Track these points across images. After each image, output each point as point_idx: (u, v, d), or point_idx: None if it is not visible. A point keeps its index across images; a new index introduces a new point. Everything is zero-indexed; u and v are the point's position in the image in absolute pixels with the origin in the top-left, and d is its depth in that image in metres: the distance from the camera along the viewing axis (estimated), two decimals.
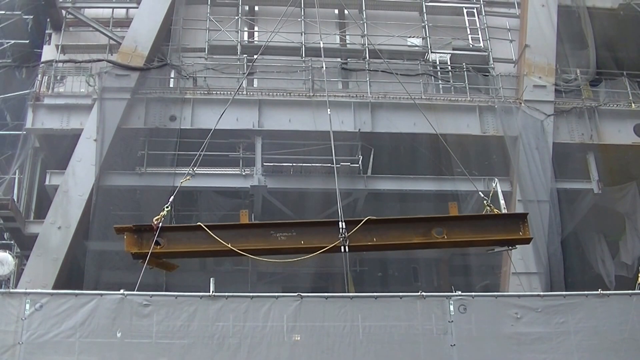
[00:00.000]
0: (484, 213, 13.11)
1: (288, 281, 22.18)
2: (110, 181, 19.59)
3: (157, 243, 12.15)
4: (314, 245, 12.20)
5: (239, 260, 22.58)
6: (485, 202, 13.20)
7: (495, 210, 12.97)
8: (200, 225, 12.32)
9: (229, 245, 12.09)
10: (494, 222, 12.79)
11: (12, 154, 20.91)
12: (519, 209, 19.63)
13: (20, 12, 22.47)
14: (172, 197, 13.07)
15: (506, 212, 13.11)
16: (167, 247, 12.30)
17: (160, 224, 12.20)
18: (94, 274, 18.64)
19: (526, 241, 12.80)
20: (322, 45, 18.79)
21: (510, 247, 13.09)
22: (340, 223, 12.17)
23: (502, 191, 13.52)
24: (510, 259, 18.23)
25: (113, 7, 23.09)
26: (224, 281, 16.15)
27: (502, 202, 13.17)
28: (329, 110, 15.61)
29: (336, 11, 24.04)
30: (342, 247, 12.07)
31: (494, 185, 13.77)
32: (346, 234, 12.09)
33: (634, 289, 14.70)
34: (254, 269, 22.35)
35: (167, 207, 12.62)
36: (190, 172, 14.43)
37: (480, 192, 13.64)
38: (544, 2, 23.10)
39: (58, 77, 21.11)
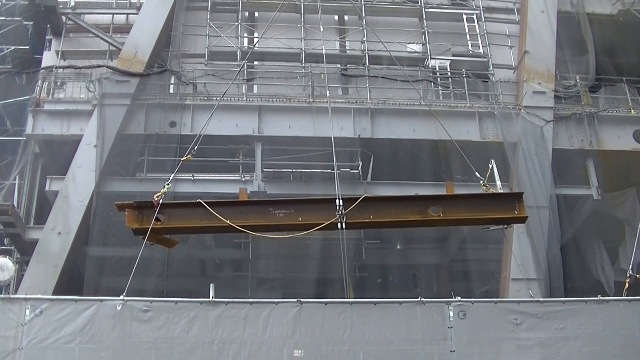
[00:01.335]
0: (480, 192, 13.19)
1: (288, 287, 22.15)
2: (111, 187, 19.57)
3: (157, 219, 12.25)
4: (312, 222, 12.29)
5: (238, 266, 22.67)
6: (481, 182, 13.24)
7: (491, 190, 13.02)
8: (200, 202, 12.40)
9: (228, 222, 12.18)
10: (489, 201, 12.93)
11: (12, 159, 20.91)
12: None
13: (20, 18, 22.43)
14: (172, 175, 13.13)
15: (502, 191, 13.18)
16: (168, 223, 12.40)
17: (161, 200, 12.26)
18: (93, 279, 18.62)
19: (521, 220, 12.89)
20: (324, 51, 18.77)
21: (505, 226, 13.21)
22: (337, 200, 12.24)
23: None
24: (511, 262, 18.29)
25: (113, 13, 23.09)
26: (223, 287, 16.17)
27: (498, 182, 13.21)
28: (329, 107, 15.57)
29: (336, 17, 24.09)
30: (339, 224, 12.15)
31: (490, 166, 13.76)
32: (343, 211, 12.16)
33: (626, 295, 14.73)
34: (254, 275, 22.33)
35: (167, 185, 12.70)
36: (191, 151, 14.34)
37: (477, 173, 13.66)
38: (543, 8, 23.12)
39: (58, 83, 21.11)
